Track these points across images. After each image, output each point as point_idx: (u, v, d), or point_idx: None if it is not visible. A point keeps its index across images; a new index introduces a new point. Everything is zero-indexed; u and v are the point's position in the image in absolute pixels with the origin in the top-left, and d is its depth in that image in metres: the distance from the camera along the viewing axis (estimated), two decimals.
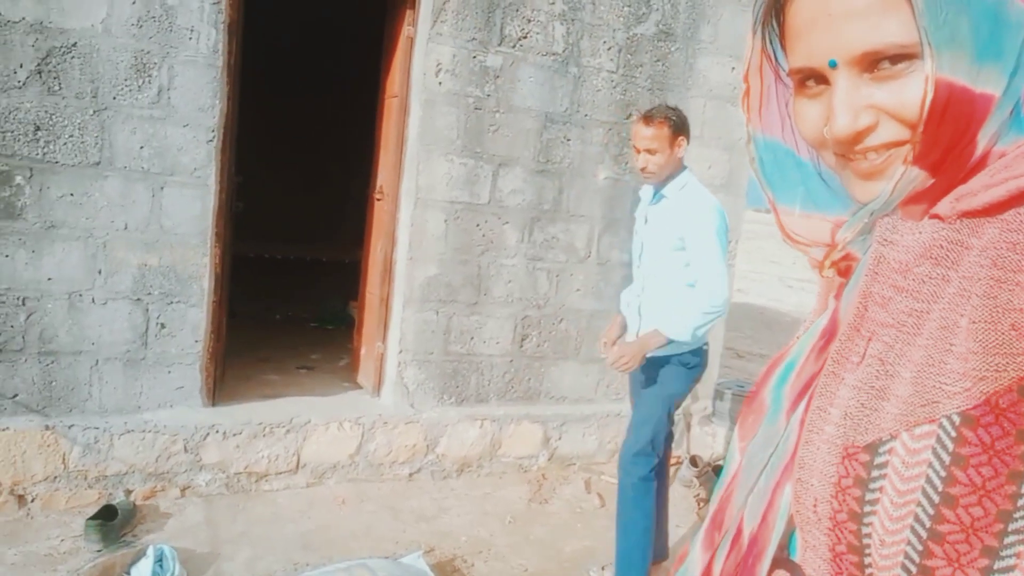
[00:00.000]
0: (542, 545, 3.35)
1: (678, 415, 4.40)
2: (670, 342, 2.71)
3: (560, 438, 4.18)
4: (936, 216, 0.56)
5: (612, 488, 3.56)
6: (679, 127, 2.77)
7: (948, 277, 0.54)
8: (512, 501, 3.77)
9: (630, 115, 4.12)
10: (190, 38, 3.08)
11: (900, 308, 0.56)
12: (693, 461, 4.00)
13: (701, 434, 4.61)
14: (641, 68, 4.10)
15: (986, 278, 0.52)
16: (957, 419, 0.50)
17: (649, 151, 2.73)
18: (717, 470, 3.97)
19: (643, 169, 2.76)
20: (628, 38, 4.03)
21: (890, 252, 0.59)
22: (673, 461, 4.35)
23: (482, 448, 3.98)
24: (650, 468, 2.84)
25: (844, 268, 0.70)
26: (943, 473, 0.50)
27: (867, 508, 0.55)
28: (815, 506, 0.60)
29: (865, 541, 0.55)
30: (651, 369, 2.87)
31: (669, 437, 3.07)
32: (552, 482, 4.04)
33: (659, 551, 3.13)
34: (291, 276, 6.60)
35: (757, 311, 11.39)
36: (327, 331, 5.70)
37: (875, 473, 0.54)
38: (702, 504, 3.88)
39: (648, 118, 2.75)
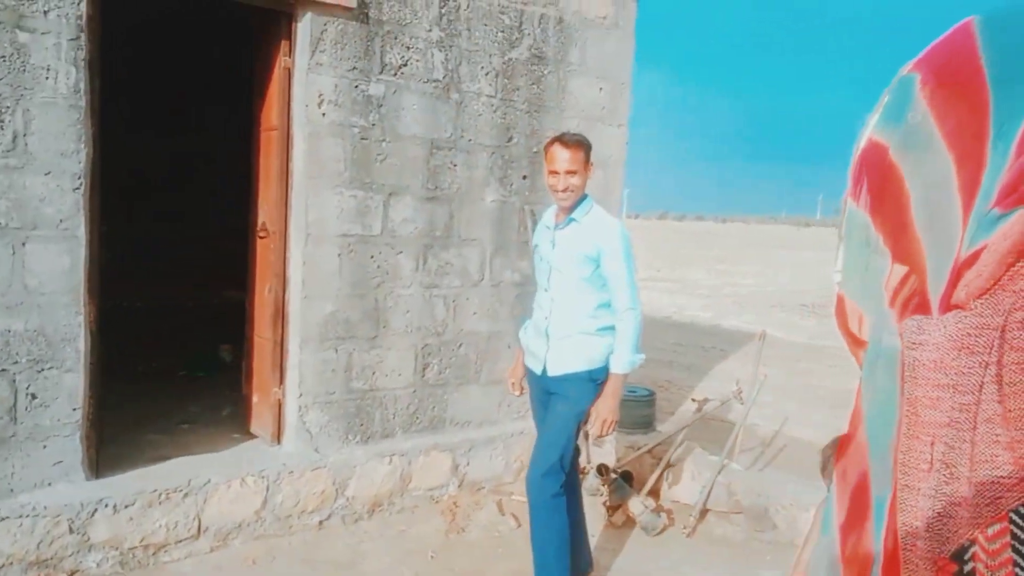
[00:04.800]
0: None
1: None
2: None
3: (468, 463, 4.15)
4: (956, 306, 0.57)
5: (525, 508, 3.57)
6: (589, 152, 2.86)
7: (986, 363, 0.54)
8: (430, 535, 3.70)
9: (511, 138, 4.19)
10: (47, 78, 2.78)
11: (950, 405, 0.56)
12: (600, 470, 4.10)
13: (599, 441, 4.74)
14: (518, 91, 4.18)
15: (1009, 363, 0.52)
16: None
17: (570, 172, 2.78)
18: (625, 476, 4.11)
19: (564, 190, 2.81)
20: (504, 63, 4.10)
21: (922, 354, 0.58)
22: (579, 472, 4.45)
23: (392, 484, 3.88)
24: (560, 485, 2.88)
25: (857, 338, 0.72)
26: None
27: None
28: None
29: None
30: (563, 387, 2.91)
31: (576, 451, 3.13)
32: (465, 509, 4.00)
33: (583, 564, 3.18)
34: (150, 324, 6.11)
35: None
36: (199, 380, 5.32)
37: None
38: (612, 512, 3.98)
39: (565, 142, 2.81)
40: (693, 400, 4.95)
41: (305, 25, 3.41)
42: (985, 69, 0.58)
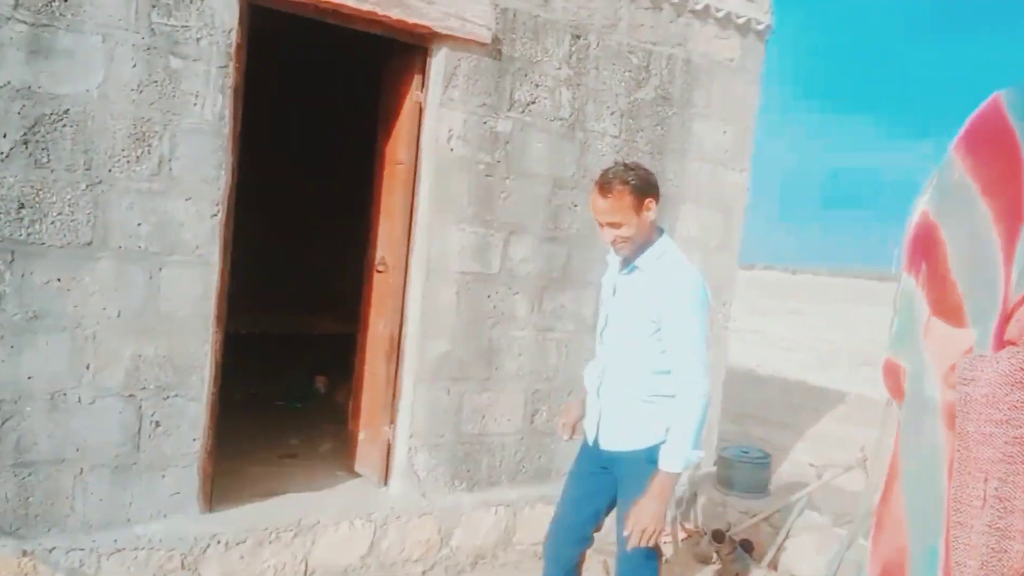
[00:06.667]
0: None
1: (683, 485, 4.25)
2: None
3: None
4: (1010, 342, 0.61)
5: None
6: (643, 189, 2.28)
7: None
8: None
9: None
10: (195, 104, 2.79)
11: (1003, 440, 0.60)
12: (716, 536, 3.82)
13: (709, 504, 4.45)
14: (642, 132, 4.05)
15: None
16: None
17: (612, 224, 2.28)
18: (744, 544, 3.82)
19: (612, 244, 2.35)
20: (630, 103, 3.98)
21: (975, 390, 0.63)
22: (686, 534, 4.19)
23: (497, 536, 3.69)
24: (657, 567, 2.48)
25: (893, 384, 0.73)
26: None
27: None
28: None
29: None
30: (622, 466, 2.47)
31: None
32: None
33: None
34: (247, 351, 6.13)
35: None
36: (295, 411, 5.27)
37: None
38: None
39: (605, 187, 2.26)
40: (812, 465, 4.62)
41: (439, 60, 3.37)
42: (1015, 128, 0.65)
